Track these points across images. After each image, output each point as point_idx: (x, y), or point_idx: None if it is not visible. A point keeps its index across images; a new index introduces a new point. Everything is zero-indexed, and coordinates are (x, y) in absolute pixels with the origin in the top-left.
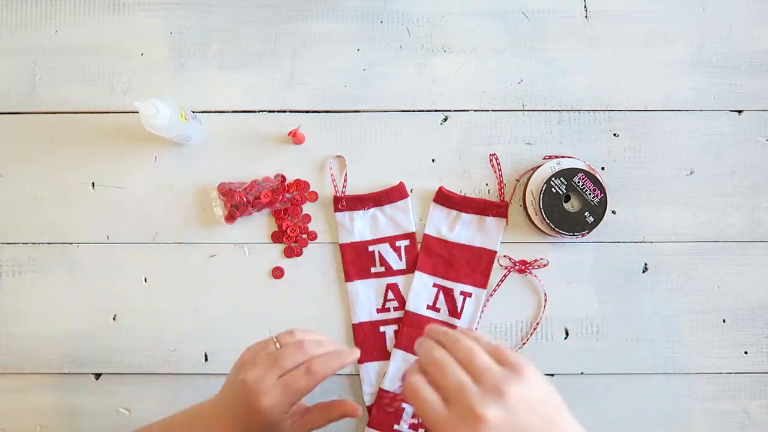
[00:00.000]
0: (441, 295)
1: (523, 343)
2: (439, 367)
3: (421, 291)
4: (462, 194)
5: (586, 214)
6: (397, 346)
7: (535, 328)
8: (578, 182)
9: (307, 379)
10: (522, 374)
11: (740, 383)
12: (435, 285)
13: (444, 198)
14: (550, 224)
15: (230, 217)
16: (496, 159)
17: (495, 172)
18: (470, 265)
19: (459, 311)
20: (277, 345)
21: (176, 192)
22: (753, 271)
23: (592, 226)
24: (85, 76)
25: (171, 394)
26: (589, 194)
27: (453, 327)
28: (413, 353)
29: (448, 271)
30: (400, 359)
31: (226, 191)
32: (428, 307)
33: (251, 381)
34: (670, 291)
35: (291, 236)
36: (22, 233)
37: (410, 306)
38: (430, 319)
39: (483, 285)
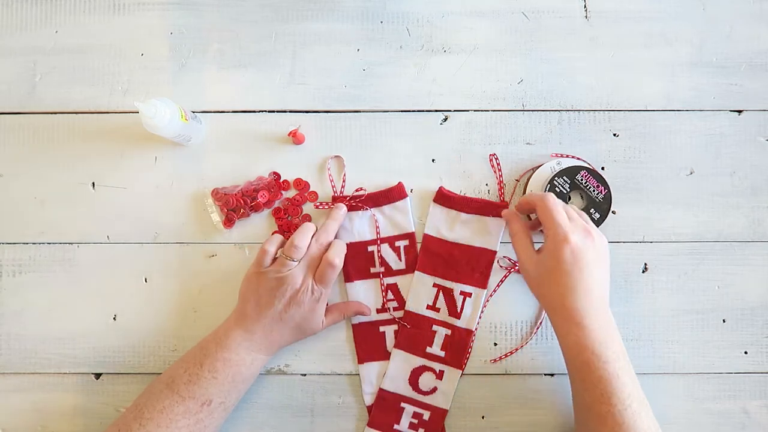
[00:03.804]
0: (441, 295)
1: (524, 343)
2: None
3: (420, 291)
4: (462, 194)
5: (592, 210)
6: (396, 346)
7: (538, 327)
8: (582, 180)
9: (331, 269)
10: (602, 237)
11: (740, 383)
12: (435, 285)
13: (444, 198)
14: None
15: (228, 222)
16: (496, 159)
17: (495, 172)
18: (470, 266)
19: (459, 311)
20: (289, 259)
21: (176, 192)
22: (753, 271)
23: (598, 223)
24: (85, 76)
25: None
26: (593, 191)
27: (453, 327)
28: (413, 353)
29: (448, 271)
30: (400, 359)
31: (221, 196)
32: (428, 307)
33: (306, 292)
34: (670, 291)
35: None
36: (22, 233)
37: (410, 306)
38: (430, 319)
39: (483, 285)
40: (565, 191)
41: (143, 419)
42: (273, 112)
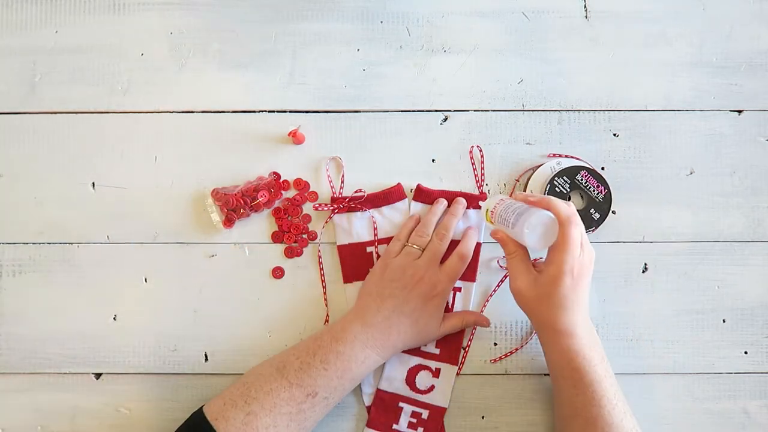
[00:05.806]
0: None
1: (524, 343)
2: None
3: None
4: (441, 189)
5: (592, 210)
6: None
7: None
8: (582, 180)
9: (462, 263)
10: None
11: (740, 383)
12: None
13: (423, 195)
14: None
15: (228, 222)
16: (480, 150)
17: (476, 163)
18: None
19: (451, 306)
20: (415, 247)
21: (176, 192)
22: (753, 271)
23: (598, 223)
24: (85, 76)
25: (171, 394)
26: (593, 191)
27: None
28: (407, 352)
29: None
30: (395, 359)
31: (221, 196)
32: None
33: (429, 283)
34: (670, 291)
35: (291, 236)
36: (22, 233)
37: None
38: None
39: (471, 279)
40: (565, 191)
41: (249, 397)
42: (273, 112)
